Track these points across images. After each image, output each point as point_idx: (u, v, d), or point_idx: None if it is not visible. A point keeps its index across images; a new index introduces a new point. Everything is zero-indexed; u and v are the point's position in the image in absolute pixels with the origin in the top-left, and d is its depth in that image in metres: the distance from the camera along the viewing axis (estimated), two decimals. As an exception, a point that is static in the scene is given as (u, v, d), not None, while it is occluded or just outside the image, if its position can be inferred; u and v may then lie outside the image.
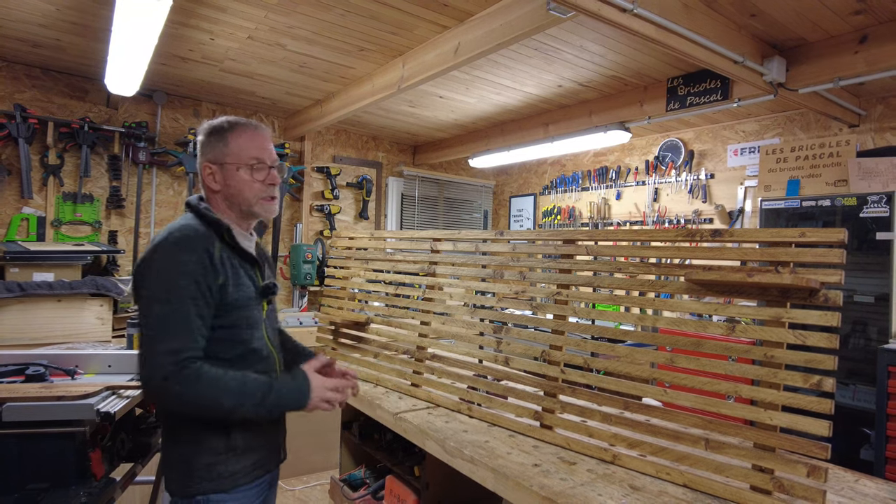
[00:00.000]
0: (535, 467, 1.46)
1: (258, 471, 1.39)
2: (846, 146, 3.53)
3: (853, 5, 2.35)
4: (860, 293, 3.11)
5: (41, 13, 2.80)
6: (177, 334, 1.22)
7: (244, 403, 1.25)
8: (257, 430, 1.39)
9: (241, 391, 1.25)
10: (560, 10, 2.11)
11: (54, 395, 1.56)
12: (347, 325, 2.55)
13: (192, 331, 1.24)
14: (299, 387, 1.35)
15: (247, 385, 1.26)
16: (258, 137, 1.43)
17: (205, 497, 1.31)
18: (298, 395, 1.34)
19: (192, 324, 1.24)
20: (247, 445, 1.36)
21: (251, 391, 1.26)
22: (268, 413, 1.30)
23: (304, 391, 1.34)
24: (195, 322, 1.25)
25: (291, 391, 1.33)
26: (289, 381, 1.34)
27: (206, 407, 1.23)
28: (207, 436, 1.32)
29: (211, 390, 1.22)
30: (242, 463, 1.36)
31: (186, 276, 1.25)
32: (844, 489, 1.39)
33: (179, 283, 1.24)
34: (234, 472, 1.34)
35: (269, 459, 1.45)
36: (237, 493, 1.35)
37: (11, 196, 3.65)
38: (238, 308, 1.34)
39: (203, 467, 1.31)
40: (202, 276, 1.27)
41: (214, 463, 1.32)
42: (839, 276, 1.22)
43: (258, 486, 1.40)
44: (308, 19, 2.75)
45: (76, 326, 2.76)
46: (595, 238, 1.71)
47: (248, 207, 1.42)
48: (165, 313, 1.23)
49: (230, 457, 1.33)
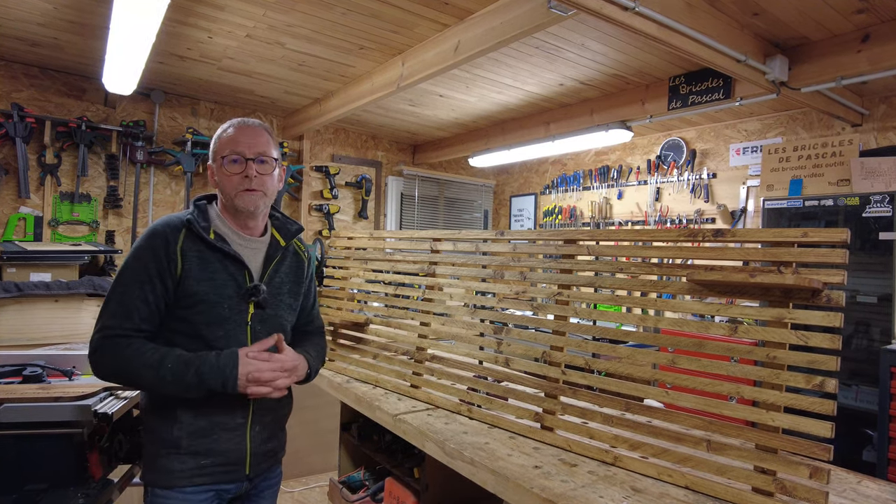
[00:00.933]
0: (535, 469, 1.45)
1: (200, 478, 1.34)
2: (849, 145, 3.51)
3: (855, 4, 2.34)
4: (863, 294, 3.09)
5: (39, 12, 2.79)
6: (113, 313, 1.30)
7: (163, 377, 1.26)
8: (208, 436, 1.35)
9: (160, 364, 1.27)
10: (561, 9, 2.10)
11: (52, 396, 1.56)
12: (346, 326, 2.53)
13: (130, 310, 1.29)
14: (221, 365, 1.29)
15: (167, 359, 1.28)
16: (241, 132, 1.43)
17: (151, 488, 1.35)
18: (219, 373, 1.29)
19: (131, 304, 1.30)
20: (191, 447, 1.33)
21: (171, 366, 1.27)
22: (193, 389, 1.28)
23: (226, 370, 1.29)
24: (135, 303, 1.30)
25: (212, 369, 1.29)
26: (212, 359, 1.30)
27: (128, 379, 1.30)
28: (157, 428, 1.35)
29: (127, 362, 1.26)
30: (184, 464, 1.33)
31: (137, 261, 1.32)
32: (847, 491, 1.38)
33: (130, 266, 1.33)
34: (172, 471, 1.33)
35: (220, 472, 1.38)
36: (178, 493, 1.33)
37: (8, 195, 3.64)
38: (201, 302, 1.34)
39: (148, 456, 1.36)
40: (153, 261, 1.31)
41: (157, 455, 1.34)
42: (842, 277, 1.21)
43: (203, 494, 1.36)
44: (307, 17, 2.74)
45: (73, 327, 2.75)
46: (596, 238, 1.70)
47: (230, 201, 1.42)
48: (110, 295, 1.32)
49: (171, 453, 1.33)
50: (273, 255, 1.49)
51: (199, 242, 1.37)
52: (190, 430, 1.34)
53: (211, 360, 1.30)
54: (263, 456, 1.48)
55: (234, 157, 1.40)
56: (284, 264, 1.53)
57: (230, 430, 1.39)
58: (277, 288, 1.49)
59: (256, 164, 1.42)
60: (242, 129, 1.44)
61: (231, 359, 1.31)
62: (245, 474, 1.43)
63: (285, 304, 1.51)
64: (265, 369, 1.33)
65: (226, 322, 1.37)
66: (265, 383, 1.33)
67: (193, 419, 1.34)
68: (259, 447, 1.45)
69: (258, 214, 1.47)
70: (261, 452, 1.46)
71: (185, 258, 1.34)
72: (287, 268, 1.54)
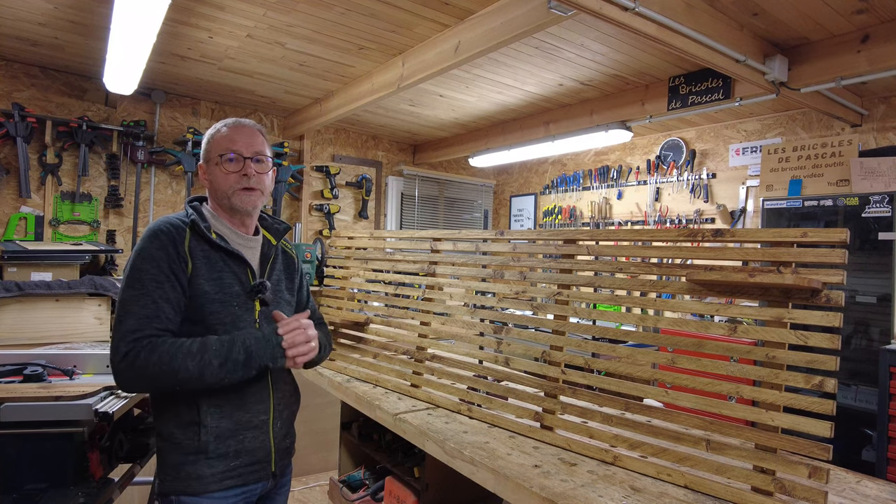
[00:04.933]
0: (535, 468, 1.45)
1: (230, 480, 1.34)
2: (848, 146, 3.52)
3: (855, 4, 2.34)
4: (862, 293, 3.10)
5: (40, 12, 2.79)
6: (136, 315, 1.25)
7: (210, 362, 1.23)
8: (234, 437, 1.34)
9: (202, 350, 1.24)
10: (561, 9, 2.10)
11: (52, 395, 1.56)
12: (347, 326, 2.54)
13: (153, 311, 1.26)
14: (266, 336, 1.31)
15: (208, 344, 1.26)
16: (236, 130, 1.43)
17: (176, 497, 1.31)
18: (266, 344, 1.30)
19: (153, 305, 1.26)
20: (218, 450, 1.32)
21: (216, 348, 1.25)
22: (241, 370, 1.27)
23: (271, 340, 1.31)
24: (158, 304, 1.27)
25: (258, 341, 1.30)
26: (254, 332, 1.32)
27: (169, 374, 1.22)
28: (179, 435, 1.31)
29: (169, 356, 1.22)
30: (213, 468, 1.31)
31: (149, 261, 1.29)
32: (846, 490, 1.39)
33: (142, 268, 1.28)
34: (202, 476, 1.30)
35: (249, 472, 1.37)
36: (207, 499, 1.31)
37: (9, 195, 3.64)
38: (213, 302, 1.33)
39: (172, 466, 1.31)
40: (165, 261, 1.29)
41: (183, 463, 1.30)
42: (841, 277, 1.21)
43: (234, 498, 1.35)
44: (307, 17, 2.74)
45: (74, 326, 2.75)
46: (596, 238, 1.70)
47: (226, 200, 1.42)
48: (128, 298, 1.27)
49: (199, 459, 1.30)
50: (269, 253, 1.51)
51: (203, 242, 1.37)
52: (216, 433, 1.32)
53: (255, 334, 1.31)
54: (284, 452, 1.50)
55: (231, 156, 1.40)
56: (279, 262, 1.56)
57: (255, 428, 1.39)
58: (276, 285, 1.51)
59: (254, 164, 1.42)
60: (238, 129, 1.44)
61: (270, 330, 1.33)
62: (271, 471, 1.44)
63: (285, 300, 1.53)
64: (298, 328, 1.36)
65: (238, 320, 1.37)
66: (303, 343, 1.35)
67: (218, 421, 1.32)
68: (280, 443, 1.47)
69: (255, 213, 1.48)
70: (282, 448, 1.48)
71: (194, 257, 1.33)
72: (281, 265, 1.56)
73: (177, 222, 1.36)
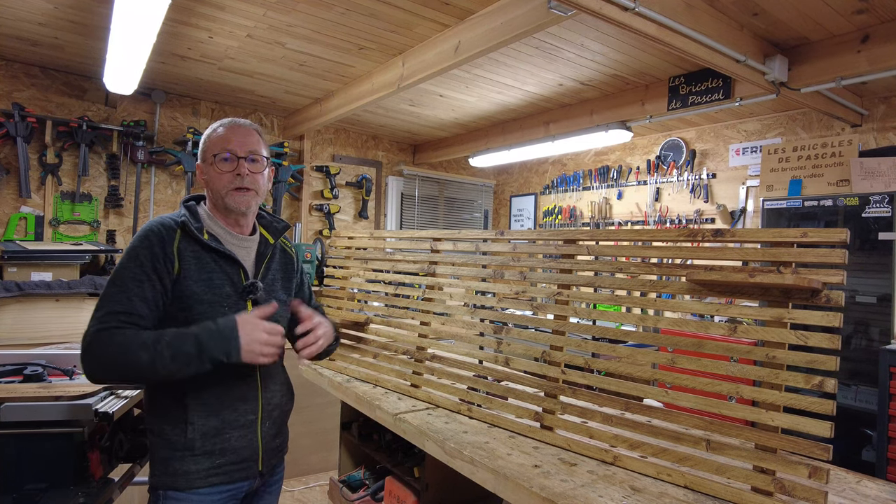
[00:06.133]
0: (535, 468, 1.45)
1: (215, 478, 1.34)
2: (848, 146, 3.52)
3: (855, 4, 2.34)
4: (862, 294, 3.10)
5: (40, 11, 2.79)
6: (107, 310, 1.25)
7: (162, 353, 1.20)
8: (220, 435, 1.35)
9: (156, 342, 1.21)
10: (561, 9, 2.10)
11: (52, 395, 1.56)
12: (347, 326, 2.54)
13: (124, 307, 1.26)
14: (221, 331, 1.25)
15: (163, 336, 1.23)
16: (232, 130, 1.43)
17: (164, 492, 1.33)
18: (221, 340, 1.24)
19: (127, 301, 1.26)
20: (204, 448, 1.33)
21: (167, 341, 1.22)
22: (194, 363, 1.22)
23: (227, 336, 1.24)
24: (132, 301, 1.27)
25: (212, 336, 1.24)
26: (210, 326, 1.26)
27: (124, 364, 1.21)
28: (167, 430, 1.33)
29: (125, 347, 1.20)
30: (199, 465, 1.32)
31: (134, 261, 1.30)
32: (846, 490, 1.39)
33: (126, 266, 1.30)
34: (188, 472, 1.32)
35: (234, 470, 1.38)
36: (194, 495, 1.32)
37: (9, 195, 3.64)
38: (201, 303, 1.33)
39: (161, 461, 1.33)
40: (149, 260, 1.30)
41: (170, 458, 1.32)
42: (841, 277, 1.21)
43: (219, 495, 1.36)
44: (307, 17, 2.74)
45: (74, 326, 2.75)
46: (596, 238, 1.70)
47: (220, 200, 1.43)
48: (106, 294, 1.28)
49: (186, 455, 1.32)
50: (265, 253, 1.50)
51: (194, 243, 1.37)
52: (203, 430, 1.33)
53: (210, 326, 1.26)
54: (273, 451, 1.50)
55: (226, 156, 1.40)
56: (275, 261, 1.55)
57: (242, 427, 1.39)
58: (271, 285, 1.51)
59: (248, 163, 1.42)
60: (234, 129, 1.44)
61: (229, 324, 1.27)
62: (258, 471, 1.44)
63: (280, 300, 1.52)
64: (268, 329, 1.30)
65: None
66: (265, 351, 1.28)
67: (205, 419, 1.33)
68: (269, 443, 1.47)
69: (249, 213, 1.48)
70: (271, 448, 1.48)
71: (182, 258, 1.34)
72: (277, 264, 1.56)
73: (169, 223, 1.37)
